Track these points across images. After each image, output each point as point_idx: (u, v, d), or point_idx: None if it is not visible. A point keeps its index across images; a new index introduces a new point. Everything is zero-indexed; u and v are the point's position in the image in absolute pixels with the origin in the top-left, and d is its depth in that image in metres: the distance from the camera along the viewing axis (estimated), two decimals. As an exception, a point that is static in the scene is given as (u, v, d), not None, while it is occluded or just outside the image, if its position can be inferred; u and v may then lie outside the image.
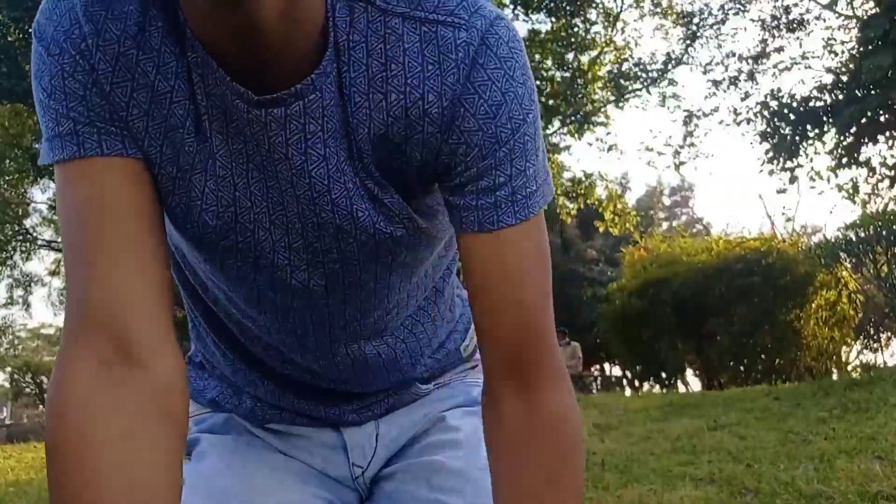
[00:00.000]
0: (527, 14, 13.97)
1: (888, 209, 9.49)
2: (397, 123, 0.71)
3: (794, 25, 16.24)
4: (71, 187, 0.70)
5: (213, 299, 0.90)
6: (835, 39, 16.54)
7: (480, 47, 0.69)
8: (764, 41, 16.74)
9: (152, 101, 0.70)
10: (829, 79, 15.44)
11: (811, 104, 14.96)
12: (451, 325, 1.04)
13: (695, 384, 11.81)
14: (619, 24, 15.42)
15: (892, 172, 14.57)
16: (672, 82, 16.42)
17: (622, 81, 15.55)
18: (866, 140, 14.16)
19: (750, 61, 16.71)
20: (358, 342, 0.90)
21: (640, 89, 16.00)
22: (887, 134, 14.02)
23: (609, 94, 15.47)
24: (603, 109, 15.51)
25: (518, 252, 0.75)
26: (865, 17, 13.60)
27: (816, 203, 73.11)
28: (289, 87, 0.68)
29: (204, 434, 1.00)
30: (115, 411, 0.66)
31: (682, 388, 11.18)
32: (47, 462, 0.66)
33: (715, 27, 16.25)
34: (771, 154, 15.37)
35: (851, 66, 14.51)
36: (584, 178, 16.11)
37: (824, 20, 22.47)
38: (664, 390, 10.67)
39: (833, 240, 8.54)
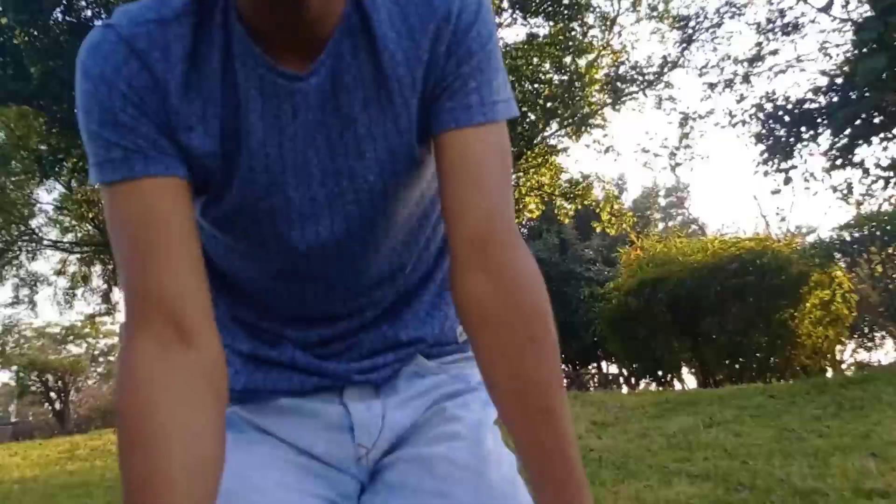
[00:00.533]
0: (525, 18, 13.98)
1: (882, 210, 9.54)
2: (421, 44, 0.86)
3: (789, 28, 16.23)
4: (124, 203, 0.82)
5: (233, 272, 1.01)
6: (829, 42, 16.60)
7: None
8: (759, 44, 16.74)
9: (208, 101, 0.83)
10: (823, 81, 15.44)
11: (806, 106, 14.93)
12: (443, 281, 1.10)
13: (690, 382, 11.86)
14: (616, 28, 15.47)
15: (886, 174, 14.61)
16: (668, 85, 16.44)
17: (619, 84, 15.57)
18: (860, 141, 14.16)
19: (745, 64, 16.69)
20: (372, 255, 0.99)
21: (636, 92, 16.02)
22: (881, 135, 14.02)
23: (606, 96, 15.51)
24: (600, 112, 15.54)
25: (484, 147, 0.88)
26: (860, 21, 13.63)
27: (811, 204, 73.06)
28: (321, 50, 0.84)
29: None
30: (173, 382, 0.78)
31: (677, 386, 11.22)
32: (118, 427, 0.78)
33: (710, 30, 16.27)
34: (766, 155, 15.34)
35: (846, 68, 14.52)
36: (581, 180, 16.15)
37: (819, 23, 22.52)
38: (660, 388, 10.70)
39: (827, 240, 8.59)
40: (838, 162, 14.43)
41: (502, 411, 0.86)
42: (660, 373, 11.22)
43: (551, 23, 13.96)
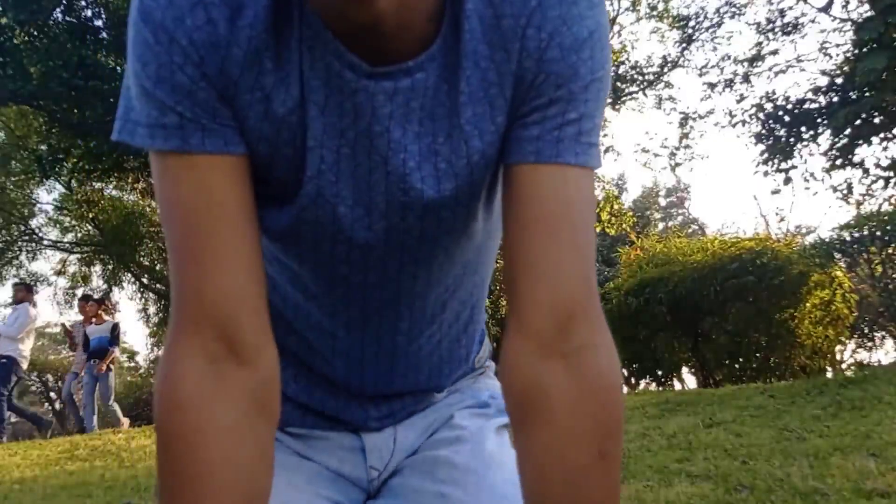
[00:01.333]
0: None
1: (882, 210, 9.54)
2: (510, 68, 0.72)
3: (789, 28, 16.24)
4: (174, 180, 0.72)
5: (271, 285, 0.89)
6: (829, 42, 16.65)
7: None
8: (759, 44, 16.76)
9: (268, 89, 0.72)
10: (823, 81, 15.46)
11: (806, 106, 14.95)
12: (476, 335, 1.06)
13: (690, 382, 11.86)
14: (616, 28, 15.48)
15: (886, 173, 14.61)
16: (668, 85, 16.50)
17: (619, 84, 15.58)
18: (860, 141, 14.16)
19: (745, 64, 16.72)
20: (419, 328, 0.92)
21: (636, 92, 16.05)
22: (881, 135, 14.03)
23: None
24: (600, 111, 15.56)
25: (577, 193, 0.72)
26: (860, 20, 13.63)
27: (811, 204, 73.05)
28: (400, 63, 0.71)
29: None
30: (222, 406, 0.71)
31: (677, 386, 11.21)
32: (159, 450, 0.72)
33: (710, 30, 16.30)
34: (766, 155, 15.36)
35: (846, 68, 14.53)
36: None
37: (819, 23, 22.53)
38: (660, 388, 10.68)
39: (827, 240, 8.58)
40: (838, 162, 14.44)
41: None
42: (660, 373, 11.21)
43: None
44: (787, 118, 14.94)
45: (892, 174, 14.48)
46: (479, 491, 0.92)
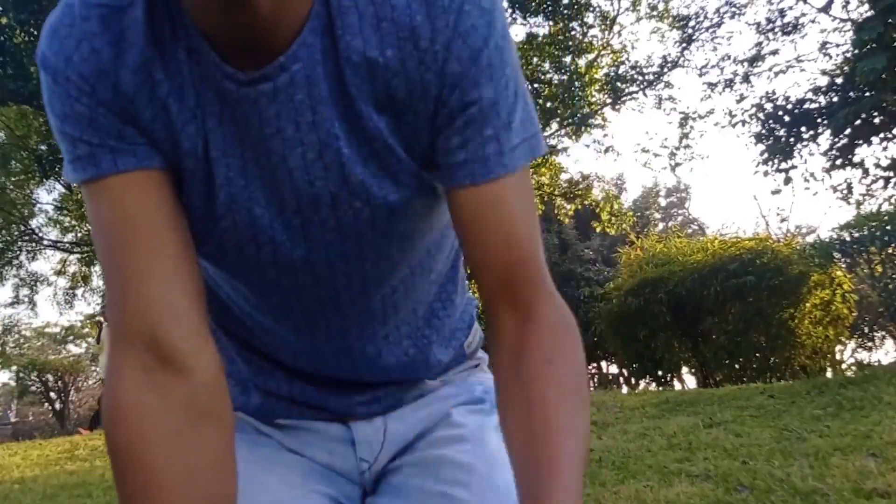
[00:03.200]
0: (524, 17, 13.99)
1: (882, 210, 9.53)
2: (391, 54, 0.72)
3: (789, 28, 16.24)
4: (96, 204, 0.74)
5: (225, 296, 0.92)
6: (829, 42, 16.59)
7: None
8: (759, 44, 16.75)
9: (164, 99, 0.73)
10: (823, 81, 15.46)
11: (806, 106, 14.95)
12: (458, 318, 1.06)
13: (690, 382, 11.86)
14: (616, 28, 15.48)
15: (886, 173, 14.61)
16: (668, 85, 16.44)
17: (619, 84, 15.56)
18: (860, 141, 14.17)
19: (745, 64, 16.71)
20: (372, 329, 0.91)
21: (636, 92, 16.01)
22: (881, 135, 14.03)
23: (606, 96, 15.50)
24: (600, 112, 15.54)
25: (505, 201, 0.77)
26: (860, 20, 13.64)
27: (811, 204, 73.08)
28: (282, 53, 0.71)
29: None
30: (162, 414, 0.72)
31: (677, 386, 11.21)
32: (111, 462, 0.73)
33: (710, 30, 16.28)
34: (766, 155, 15.37)
35: (846, 68, 14.53)
36: (581, 180, 16.15)
37: (819, 23, 22.53)
38: (660, 388, 10.68)
39: (827, 240, 8.58)
40: (838, 162, 14.45)
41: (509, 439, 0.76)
42: (660, 373, 11.21)
43: (551, 22, 13.95)
44: (787, 118, 14.95)
45: (891, 174, 14.48)
46: (484, 491, 0.92)
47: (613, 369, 22.84)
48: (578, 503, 0.66)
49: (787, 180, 15.61)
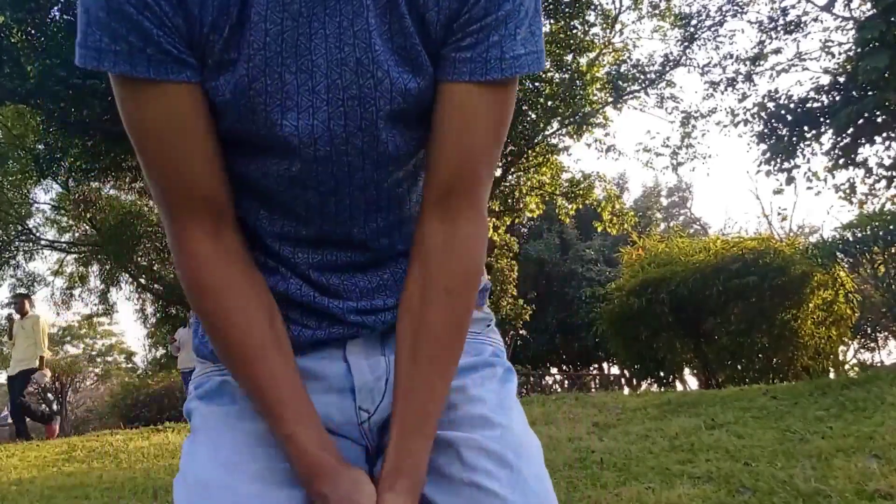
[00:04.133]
0: (525, 15, 13.93)
1: (885, 209, 9.51)
2: None
3: (792, 27, 16.24)
4: (129, 103, 0.84)
5: (235, 177, 0.98)
6: (832, 41, 16.58)
7: None
8: (761, 43, 16.75)
9: None
10: (826, 80, 15.46)
11: (808, 105, 14.95)
12: None
13: (692, 383, 11.84)
14: (618, 26, 15.46)
15: (889, 173, 14.59)
16: (670, 84, 16.43)
17: (620, 83, 15.53)
18: (863, 141, 14.16)
19: (747, 63, 16.71)
20: (375, 220, 0.99)
21: (638, 90, 15.99)
22: (884, 135, 14.03)
23: (607, 95, 15.48)
24: (601, 111, 15.52)
25: (485, 105, 0.89)
26: (862, 19, 13.62)
27: (813, 203, 73.10)
28: None
29: (198, 404, 1.04)
30: (225, 258, 0.91)
31: (679, 387, 11.19)
32: (191, 296, 0.93)
33: (713, 29, 16.26)
34: (768, 155, 15.37)
35: (848, 67, 14.53)
36: (582, 179, 16.12)
37: (821, 22, 22.54)
38: (662, 389, 10.66)
39: (830, 240, 8.55)
40: (841, 161, 14.44)
41: (397, 348, 0.94)
42: (661, 374, 11.19)
43: (552, 20, 13.93)
44: (789, 117, 14.95)
45: (894, 173, 14.46)
46: (514, 485, 0.92)
47: (615, 370, 22.86)
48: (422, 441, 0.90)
49: (790, 180, 15.61)
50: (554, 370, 25.61)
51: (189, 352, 10.22)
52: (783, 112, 14.99)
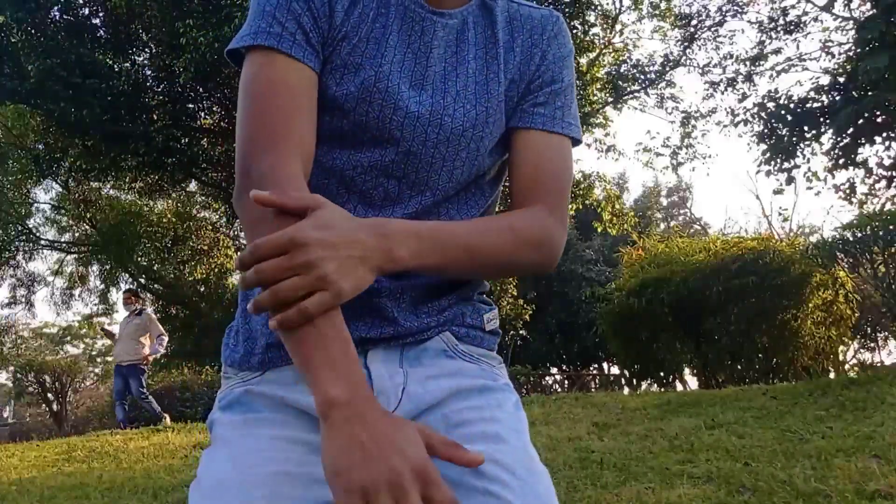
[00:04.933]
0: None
1: (885, 209, 9.50)
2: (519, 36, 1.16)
3: (792, 27, 16.24)
4: (264, 67, 1.01)
5: (324, 165, 1.13)
6: (832, 41, 16.58)
7: (561, 24, 1.20)
8: (761, 43, 16.74)
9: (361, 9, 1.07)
10: (826, 80, 15.45)
11: (808, 105, 14.94)
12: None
13: (692, 383, 11.81)
14: (618, 26, 15.44)
15: (889, 173, 14.59)
16: (670, 84, 16.43)
17: (620, 83, 15.53)
18: (863, 141, 14.15)
19: (747, 63, 16.70)
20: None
21: (638, 91, 15.98)
22: (884, 135, 14.02)
23: (607, 95, 15.47)
24: (601, 111, 15.50)
25: (561, 153, 1.14)
26: (862, 19, 13.61)
27: (813, 203, 73.04)
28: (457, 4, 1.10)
29: (220, 415, 1.05)
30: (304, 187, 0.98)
31: (679, 387, 11.18)
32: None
33: (713, 29, 16.26)
34: (768, 155, 15.36)
35: (848, 67, 14.53)
36: (582, 179, 16.11)
37: (821, 22, 22.52)
38: (662, 389, 10.66)
39: (830, 240, 8.54)
40: (841, 161, 14.43)
41: None
42: (661, 374, 11.18)
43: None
44: (789, 117, 14.93)
45: (894, 173, 14.45)
46: (525, 496, 0.93)
47: (615, 370, 22.85)
48: (417, 242, 0.94)
49: (790, 180, 15.60)
50: (554, 370, 25.61)
51: (126, 344, 9.86)
52: (783, 112, 14.98)
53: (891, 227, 7.55)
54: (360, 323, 1.01)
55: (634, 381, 11.60)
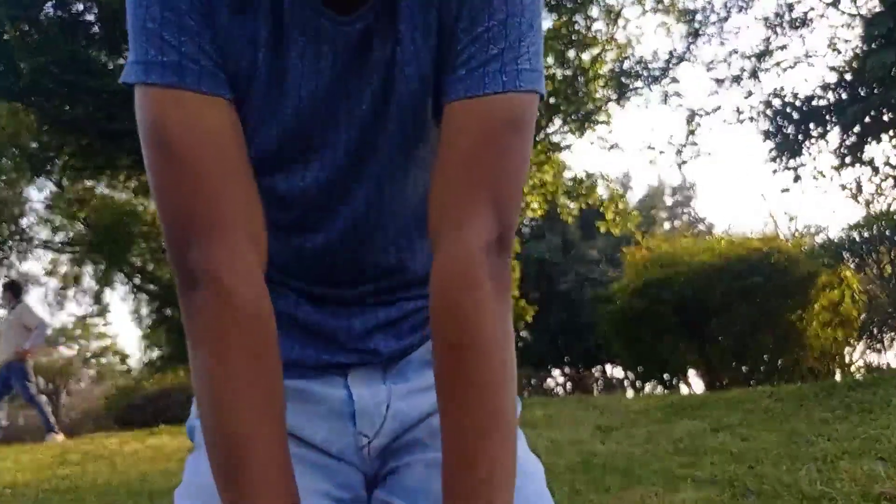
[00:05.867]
0: (527, 12, 13.91)
1: (892, 209, 9.45)
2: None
3: (798, 23, 16.21)
4: (171, 110, 0.78)
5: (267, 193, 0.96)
6: (838, 37, 16.53)
7: None
8: (767, 39, 16.71)
9: (254, 29, 0.81)
10: (832, 77, 15.41)
11: (815, 103, 14.93)
12: None
13: (697, 385, 11.78)
14: (621, 22, 15.33)
15: (896, 172, 14.55)
16: (674, 80, 16.34)
17: (624, 79, 15.46)
18: (870, 139, 14.15)
19: (753, 59, 16.67)
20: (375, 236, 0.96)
21: (641, 87, 15.91)
22: (891, 132, 14.01)
23: (611, 91, 15.38)
24: (604, 108, 15.42)
25: (493, 121, 0.80)
26: (869, 16, 13.58)
27: (820, 202, 72.99)
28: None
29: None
30: (262, 285, 0.82)
31: (684, 390, 11.14)
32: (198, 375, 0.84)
33: (718, 24, 16.18)
34: (774, 153, 15.35)
35: (855, 64, 14.48)
36: (585, 178, 16.05)
37: (828, 18, 22.44)
38: (666, 391, 10.65)
39: (836, 240, 8.51)
40: (847, 159, 14.41)
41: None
42: (666, 376, 11.17)
43: (554, 15, 13.86)
44: (795, 115, 14.93)
45: (901, 172, 14.42)
46: (516, 500, 0.88)
47: (618, 372, 22.83)
48: None
49: (796, 178, 15.58)
50: (556, 372, 25.65)
51: (5, 342, 9.00)
52: (789, 109, 14.97)
53: (898, 226, 7.50)
54: (340, 353, 0.98)
55: (638, 383, 11.59)
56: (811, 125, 14.87)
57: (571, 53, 14.41)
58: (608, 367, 24.78)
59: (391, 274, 0.98)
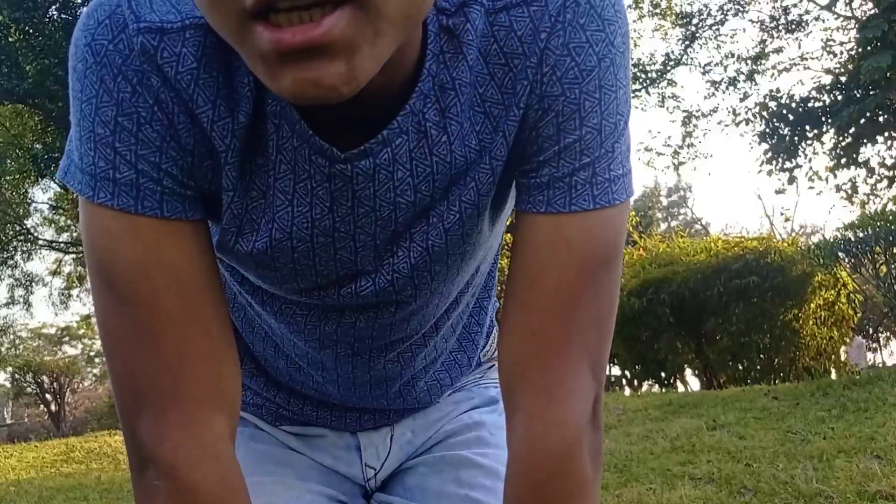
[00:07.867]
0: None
1: (887, 209, 9.48)
2: (489, 125, 0.64)
3: (793, 26, 16.24)
4: (117, 244, 0.62)
5: (254, 314, 0.85)
6: (833, 40, 16.56)
7: (570, 6, 0.60)
8: (763, 42, 16.74)
9: (233, 140, 0.62)
10: (827, 79, 15.44)
11: (810, 105, 14.95)
12: (486, 332, 1.01)
13: (694, 384, 11.80)
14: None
15: (891, 173, 14.59)
16: (671, 83, 16.39)
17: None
18: (865, 140, 14.16)
19: (749, 62, 16.69)
20: (408, 351, 0.86)
21: (639, 90, 15.94)
22: (886, 134, 14.03)
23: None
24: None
25: (599, 237, 0.65)
26: (864, 18, 13.60)
27: (815, 203, 72.99)
28: (375, 133, 0.61)
29: None
30: (230, 462, 0.67)
31: (680, 388, 11.15)
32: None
33: (714, 28, 16.23)
34: (770, 154, 15.36)
35: (850, 66, 14.51)
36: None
37: (823, 21, 22.46)
38: (663, 390, 10.64)
39: (832, 240, 8.52)
40: (843, 161, 14.43)
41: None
42: (663, 374, 11.16)
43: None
44: (791, 117, 14.94)
45: (896, 173, 14.44)
46: None
47: (616, 371, 22.84)
48: None
49: (792, 179, 15.60)
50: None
51: None
52: (785, 112, 14.99)
53: (892, 227, 7.53)
54: (354, 423, 0.96)
55: (635, 381, 11.58)
56: (806, 127, 14.88)
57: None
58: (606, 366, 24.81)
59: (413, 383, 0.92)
